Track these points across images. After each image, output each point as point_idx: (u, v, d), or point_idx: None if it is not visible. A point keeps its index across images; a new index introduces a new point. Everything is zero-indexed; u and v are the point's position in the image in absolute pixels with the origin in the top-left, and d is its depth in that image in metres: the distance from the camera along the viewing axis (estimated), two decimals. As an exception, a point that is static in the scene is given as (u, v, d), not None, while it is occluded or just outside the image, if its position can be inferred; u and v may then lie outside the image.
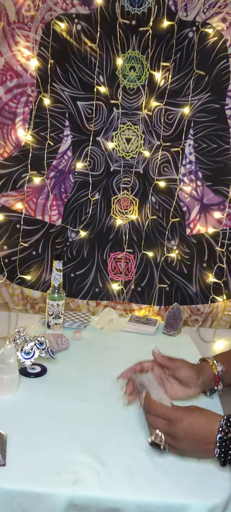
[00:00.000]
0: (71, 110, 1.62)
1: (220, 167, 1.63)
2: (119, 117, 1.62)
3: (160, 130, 1.62)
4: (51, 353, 1.17)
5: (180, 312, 1.59)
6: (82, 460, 0.83)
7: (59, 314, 1.43)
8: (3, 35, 1.56)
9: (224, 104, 1.59)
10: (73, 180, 1.67)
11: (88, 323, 1.58)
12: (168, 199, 1.67)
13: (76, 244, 1.69)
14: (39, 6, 1.54)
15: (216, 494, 0.77)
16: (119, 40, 1.56)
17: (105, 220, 1.68)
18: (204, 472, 0.82)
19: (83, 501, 0.75)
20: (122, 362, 1.06)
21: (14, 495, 0.75)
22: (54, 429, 0.92)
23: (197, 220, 1.67)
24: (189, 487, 0.78)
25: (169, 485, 0.78)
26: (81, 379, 1.16)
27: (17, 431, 0.89)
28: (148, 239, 1.69)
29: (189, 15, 1.55)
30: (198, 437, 0.80)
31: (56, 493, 0.75)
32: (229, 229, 1.66)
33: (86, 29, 1.56)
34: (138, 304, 1.74)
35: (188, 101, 1.60)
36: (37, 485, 0.76)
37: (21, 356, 1.11)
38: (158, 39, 1.56)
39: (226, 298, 1.70)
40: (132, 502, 0.75)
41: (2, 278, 1.71)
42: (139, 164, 1.65)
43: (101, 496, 0.76)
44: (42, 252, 1.69)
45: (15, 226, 1.68)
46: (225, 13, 1.54)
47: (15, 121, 1.62)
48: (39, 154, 1.64)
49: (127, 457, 0.85)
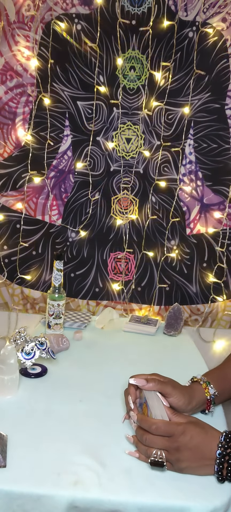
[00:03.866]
0: (71, 110, 1.62)
1: (220, 167, 1.63)
2: (119, 117, 1.62)
3: (160, 130, 1.62)
4: (51, 354, 1.17)
5: (181, 312, 1.59)
6: (82, 461, 0.83)
7: (60, 314, 1.43)
8: (3, 35, 1.56)
9: (224, 104, 1.59)
10: (73, 180, 1.66)
11: (88, 323, 1.58)
12: (168, 199, 1.67)
13: (76, 244, 1.69)
14: (39, 6, 1.54)
15: (217, 496, 0.77)
16: (119, 40, 1.56)
17: (105, 220, 1.68)
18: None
19: (83, 503, 0.75)
20: (122, 362, 1.06)
21: (14, 496, 0.75)
22: (55, 430, 0.92)
23: (197, 220, 1.67)
24: (189, 489, 0.78)
25: (170, 487, 0.78)
26: (82, 380, 1.16)
27: (18, 432, 0.89)
28: (148, 239, 1.69)
29: (189, 15, 1.55)
30: (198, 451, 0.80)
31: (57, 494, 0.75)
32: (229, 229, 1.66)
33: (86, 29, 1.56)
34: (138, 304, 1.74)
35: (188, 101, 1.60)
36: (38, 487, 0.76)
37: (22, 357, 1.12)
38: (158, 39, 1.56)
39: (226, 298, 1.70)
40: (132, 504, 0.75)
41: (2, 278, 1.71)
42: (139, 164, 1.65)
43: (102, 498, 0.75)
44: (42, 252, 1.69)
45: (15, 226, 1.68)
46: (225, 13, 1.54)
47: (15, 121, 1.62)
48: (39, 154, 1.63)
49: (127, 458, 0.85)
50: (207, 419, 0.95)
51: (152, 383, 0.92)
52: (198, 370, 1.11)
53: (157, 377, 0.94)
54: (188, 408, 0.95)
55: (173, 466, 0.81)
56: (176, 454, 0.80)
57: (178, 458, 0.80)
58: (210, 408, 0.99)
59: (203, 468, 0.80)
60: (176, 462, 0.80)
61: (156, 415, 0.85)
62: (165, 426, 0.82)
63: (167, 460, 0.81)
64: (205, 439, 0.80)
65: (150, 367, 1.06)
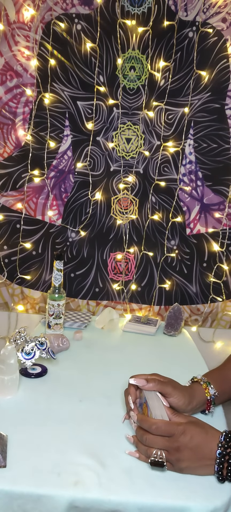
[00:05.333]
0: (71, 110, 1.62)
1: (220, 167, 1.63)
2: (119, 117, 1.62)
3: (160, 130, 1.62)
4: (51, 354, 1.17)
5: (181, 312, 1.59)
6: (83, 461, 0.83)
7: (60, 314, 1.43)
8: (3, 35, 1.56)
9: (224, 104, 1.59)
10: (73, 180, 1.66)
11: (88, 323, 1.58)
12: (168, 199, 1.67)
13: (76, 244, 1.69)
14: (39, 6, 1.54)
15: (217, 496, 0.76)
16: (119, 40, 1.56)
17: (105, 220, 1.68)
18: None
19: (84, 503, 0.75)
20: (122, 362, 1.06)
21: (14, 496, 0.75)
22: (55, 430, 0.92)
23: (197, 220, 1.67)
24: (190, 489, 0.78)
25: (170, 487, 0.78)
26: (82, 380, 1.16)
27: (18, 432, 0.89)
28: (148, 239, 1.69)
29: (189, 15, 1.55)
30: (198, 451, 0.80)
31: (57, 494, 0.75)
32: (229, 229, 1.66)
33: (86, 29, 1.56)
34: (138, 304, 1.74)
35: (188, 101, 1.60)
36: (38, 487, 0.76)
37: (22, 357, 1.11)
38: (158, 39, 1.56)
39: (226, 298, 1.70)
40: (132, 504, 0.75)
41: (2, 278, 1.71)
42: (139, 164, 1.65)
43: (102, 498, 0.75)
44: (42, 252, 1.69)
45: (15, 226, 1.68)
46: (225, 13, 1.54)
47: (15, 121, 1.62)
48: (39, 154, 1.63)
49: (127, 458, 0.85)
50: (207, 419, 0.95)
51: (152, 383, 0.92)
52: (198, 370, 1.11)
53: (157, 377, 0.94)
54: (188, 408, 0.94)
55: (173, 466, 0.81)
56: (176, 454, 0.80)
57: (178, 458, 0.80)
58: (210, 408, 0.99)
59: (203, 468, 0.80)
60: (176, 462, 0.80)
61: (156, 415, 0.85)
62: (165, 426, 0.82)
63: (167, 460, 0.81)
64: (205, 439, 0.80)
65: (150, 367, 1.06)
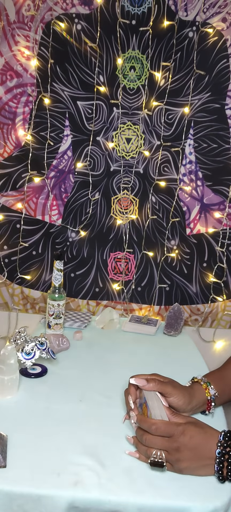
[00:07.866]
0: (71, 110, 1.62)
1: (220, 167, 1.63)
2: (119, 117, 1.62)
3: (160, 130, 1.62)
4: (51, 354, 1.17)
5: (181, 312, 1.59)
6: (83, 461, 0.83)
7: (60, 314, 1.43)
8: (3, 35, 1.56)
9: (224, 104, 1.59)
10: (73, 180, 1.66)
11: (88, 323, 1.58)
12: (168, 199, 1.67)
13: (76, 244, 1.69)
14: (39, 6, 1.54)
15: (217, 497, 0.77)
16: (119, 40, 1.56)
17: (105, 220, 1.68)
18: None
19: (83, 503, 0.75)
20: (122, 362, 1.06)
21: (14, 496, 0.75)
22: (55, 430, 0.92)
23: (197, 220, 1.67)
24: (190, 489, 0.78)
25: (170, 487, 0.78)
26: (82, 380, 1.16)
27: (18, 432, 0.90)
28: (148, 239, 1.69)
29: (189, 15, 1.55)
30: (198, 451, 0.80)
31: (57, 495, 0.76)
32: (229, 229, 1.66)
33: (86, 29, 1.56)
34: (138, 304, 1.74)
35: (188, 101, 1.59)
36: (38, 487, 0.76)
37: (22, 357, 1.12)
38: (158, 39, 1.56)
39: (226, 298, 1.70)
40: (132, 505, 0.75)
41: (2, 278, 1.71)
42: (139, 164, 1.65)
43: (102, 498, 0.76)
44: (42, 252, 1.69)
45: (15, 226, 1.67)
46: (225, 13, 1.54)
47: (15, 121, 1.62)
48: (39, 154, 1.63)
49: (127, 458, 0.85)
50: (207, 420, 0.95)
51: (152, 383, 0.92)
52: (198, 370, 1.11)
53: (157, 377, 0.94)
54: (188, 408, 0.95)
55: (173, 466, 0.81)
56: (176, 455, 0.80)
57: (178, 458, 0.80)
58: (210, 408, 0.99)
59: (203, 468, 0.80)
60: (176, 462, 0.80)
61: (155, 415, 0.85)
62: (165, 427, 0.82)
63: (166, 460, 0.81)
64: (205, 438, 0.81)
65: (150, 367, 1.06)
